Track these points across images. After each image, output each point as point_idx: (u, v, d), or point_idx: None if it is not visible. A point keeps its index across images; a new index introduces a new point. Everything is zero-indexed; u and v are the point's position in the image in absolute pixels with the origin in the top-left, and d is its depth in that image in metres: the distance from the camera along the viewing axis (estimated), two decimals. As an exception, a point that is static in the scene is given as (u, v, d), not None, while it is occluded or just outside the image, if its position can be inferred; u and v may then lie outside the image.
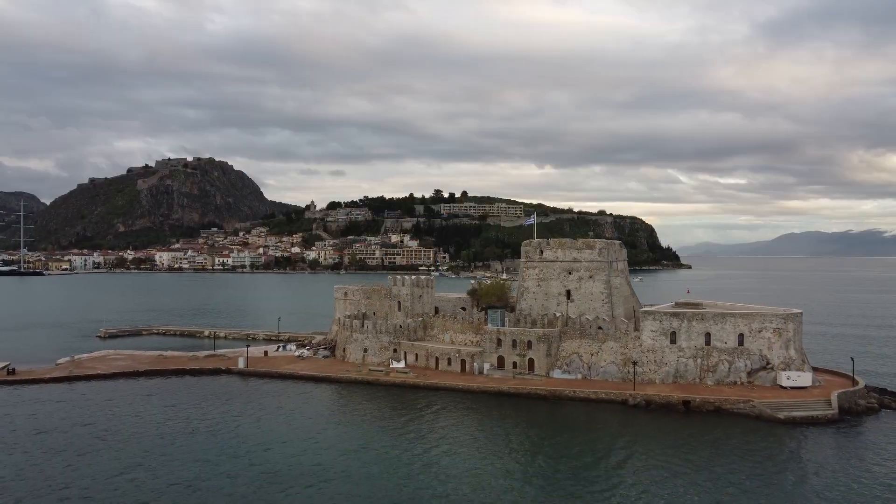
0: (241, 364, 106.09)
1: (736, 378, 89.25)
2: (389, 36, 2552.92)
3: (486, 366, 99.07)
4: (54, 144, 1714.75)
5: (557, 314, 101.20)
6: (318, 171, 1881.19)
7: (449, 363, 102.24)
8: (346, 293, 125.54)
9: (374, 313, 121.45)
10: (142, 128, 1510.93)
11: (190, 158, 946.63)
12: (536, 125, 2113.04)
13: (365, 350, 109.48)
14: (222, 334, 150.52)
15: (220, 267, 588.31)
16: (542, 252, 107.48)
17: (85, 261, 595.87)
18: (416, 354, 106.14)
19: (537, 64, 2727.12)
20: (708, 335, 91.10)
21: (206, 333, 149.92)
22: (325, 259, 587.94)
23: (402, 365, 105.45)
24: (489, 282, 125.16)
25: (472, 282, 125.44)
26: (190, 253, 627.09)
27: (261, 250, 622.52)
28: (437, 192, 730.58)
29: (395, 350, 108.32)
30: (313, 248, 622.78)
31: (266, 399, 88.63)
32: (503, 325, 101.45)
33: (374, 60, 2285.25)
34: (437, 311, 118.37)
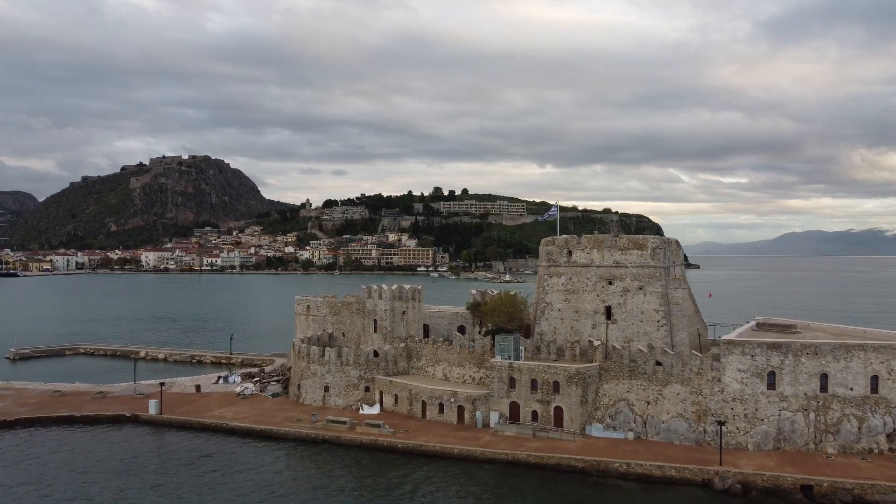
0: (152, 410, 76.51)
1: (870, 444, 59.60)
2: (389, 35, 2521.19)
3: (494, 416, 69.48)
4: (54, 144, 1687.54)
5: (595, 341, 71.41)
6: (320, 171, 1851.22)
7: (441, 410, 72.57)
8: (308, 307, 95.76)
9: (344, 334, 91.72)
10: (142, 128, 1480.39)
11: (185, 156, 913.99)
12: (537, 124, 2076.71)
13: (326, 388, 79.80)
14: (161, 356, 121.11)
15: (209, 268, 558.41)
16: (570, 253, 77.42)
17: (67, 261, 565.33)
18: (396, 396, 76.50)
19: (538, 63, 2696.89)
20: (824, 377, 61.41)
21: (143, 354, 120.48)
22: (318, 259, 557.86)
23: (376, 410, 76.05)
24: (495, 292, 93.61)
25: (474, 292, 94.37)
26: (177, 253, 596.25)
27: (252, 250, 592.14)
28: (437, 189, 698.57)
29: (367, 389, 78.77)
30: (307, 247, 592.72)
31: (165, 472, 59.06)
32: (518, 357, 71.74)
33: (373, 59, 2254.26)
34: (427, 331, 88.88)
